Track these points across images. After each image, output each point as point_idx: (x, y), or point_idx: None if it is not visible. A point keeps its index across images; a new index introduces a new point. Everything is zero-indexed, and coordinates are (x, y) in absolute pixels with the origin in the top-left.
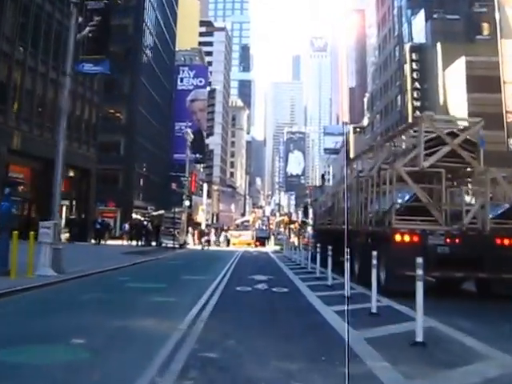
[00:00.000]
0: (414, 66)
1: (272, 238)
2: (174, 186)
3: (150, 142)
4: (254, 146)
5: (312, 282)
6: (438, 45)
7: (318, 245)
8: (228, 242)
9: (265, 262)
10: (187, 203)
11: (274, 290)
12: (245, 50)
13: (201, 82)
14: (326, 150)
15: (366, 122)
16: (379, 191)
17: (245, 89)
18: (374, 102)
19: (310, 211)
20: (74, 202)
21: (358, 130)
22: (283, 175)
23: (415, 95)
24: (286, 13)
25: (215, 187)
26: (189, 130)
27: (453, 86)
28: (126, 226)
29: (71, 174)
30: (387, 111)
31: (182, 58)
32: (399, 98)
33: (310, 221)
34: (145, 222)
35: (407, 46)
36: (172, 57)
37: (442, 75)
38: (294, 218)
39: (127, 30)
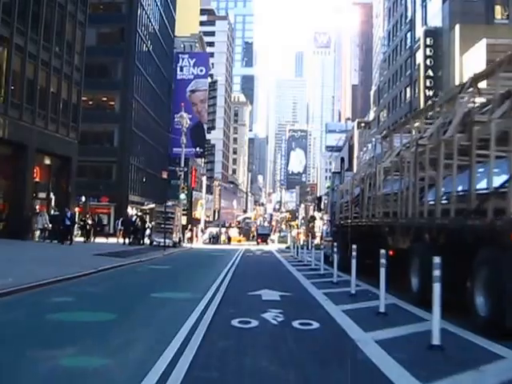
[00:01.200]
0: (428, 52)
1: (276, 235)
2: (164, 174)
3: (147, 134)
4: (257, 143)
5: (351, 305)
6: (457, 27)
7: (336, 243)
8: (229, 239)
9: (271, 265)
10: (183, 196)
11: (296, 324)
12: (248, 44)
13: (201, 71)
14: (327, 147)
15: (371, 116)
16: (470, 163)
17: (248, 84)
18: (380, 95)
19: (326, 203)
20: (51, 195)
21: (362, 125)
22: (285, 173)
23: (428, 84)
24: (290, 8)
25: (217, 183)
26: (184, 114)
27: (472, 71)
28: (119, 222)
29: (47, 161)
30: (395, 104)
31: (182, 45)
32: (409, 89)
33: (324, 216)
34: (134, 218)
35: (421, 31)
36: (171, 44)
37: (460, 60)
38: (297, 214)
39: (120, 9)
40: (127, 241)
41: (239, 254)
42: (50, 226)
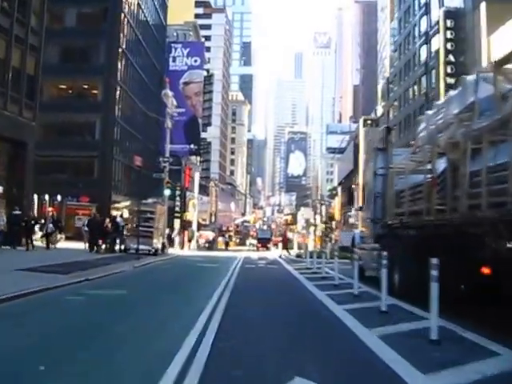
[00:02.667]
0: (449, 34)
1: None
2: (137, 161)
3: (135, 127)
4: (255, 145)
5: None
6: (482, 6)
7: (386, 254)
8: (227, 244)
9: (287, 289)
10: (167, 192)
11: None
12: (246, 43)
13: (196, 61)
14: (328, 148)
15: (379, 112)
16: None
17: (246, 84)
18: (390, 89)
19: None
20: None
21: (368, 122)
22: (284, 176)
23: (449, 70)
24: (289, 8)
25: (213, 184)
26: (168, 92)
27: (502, 53)
28: (85, 223)
29: None
30: (407, 96)
31: (175, 34)
32: (424, 78)
33: (357, 212)
34: (108, 219)
35: (440, 13)
36: (163, 32)
37: (487, 42)
38: (299, 216)
39: None
40: (96, 247)
41: (237, 265)
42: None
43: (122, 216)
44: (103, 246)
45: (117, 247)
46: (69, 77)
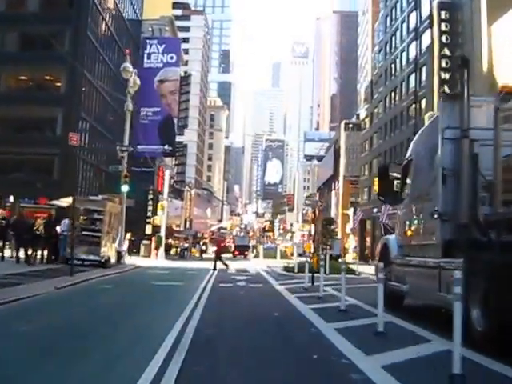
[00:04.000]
0: (444, 27)
1: (261, 247)
2: (74, 139)
3: (103, 126)
4: (233, 152)
5: None
6: None
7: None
8: (202, 252)
9: (298, 347)
10: (125, 188)
11: None
12: (225, 51)
13: (172, 58)
14: (306, 156)
15: (362, 114)
16: None
17: (225, 91)
18: (374, 90)
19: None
20: None
21: (350, 126)
22: (261, 184)
23: (444, 64)
24: (267, 18)
25: (188, 188)
26: (128, 66)
27: (503, 45)
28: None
29: None
30: (393, 97)
31: (150, 29)
32: (413, 76)
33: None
34: (39, 221)
35: (434, 4)
36: (138, 27)
37: (488, 32)
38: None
39: None
40: (26, 256)
41: (208, 283)
42: None
43: (73, 218)
44: (37, 255)
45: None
46: (28, 66)
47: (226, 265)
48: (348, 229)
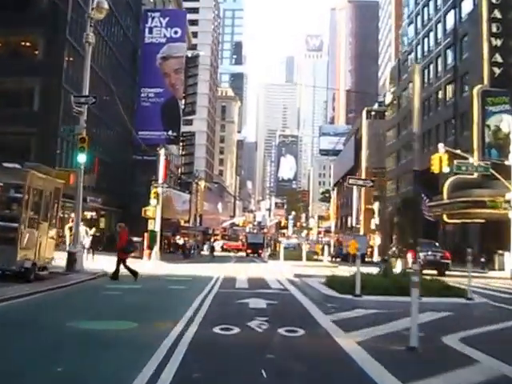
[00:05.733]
0: None
1: (281, 246)
2: None
3: (97, 107)
4: (246, 147)
5: None
6: None
7: None
8: (212, 249)
9: None
10: (82, 158)
11: None
12: (237, 42)
13: (176, 33)
14: (322, 151)
15: (387, 99)
16: None
17: (237, 83)
18: (402, 70)
19: None
20: None
21: (372, 114)
22: (274, 180)
23: (494, 29)
24: (280, 11)
25: (196, 180)
26: (104, 3)
27: None
28: None
29: None
30: (427, 75)
31: (152, 0)
32: (450, 50)
33: None
34: None
35: None
36: None
37: None
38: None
39: None
40: None
41: (184, 332)
42: None
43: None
44: None
45: None
46: None
47: (134, 273)
48: (373, 224)
